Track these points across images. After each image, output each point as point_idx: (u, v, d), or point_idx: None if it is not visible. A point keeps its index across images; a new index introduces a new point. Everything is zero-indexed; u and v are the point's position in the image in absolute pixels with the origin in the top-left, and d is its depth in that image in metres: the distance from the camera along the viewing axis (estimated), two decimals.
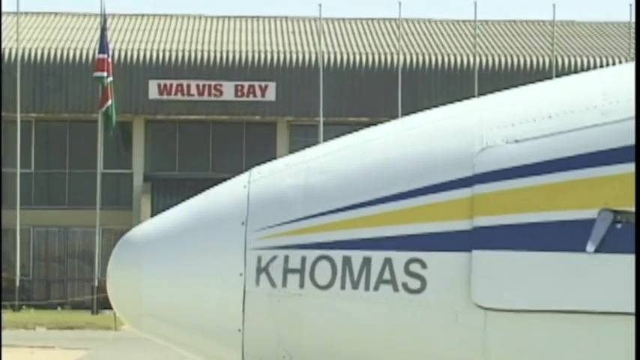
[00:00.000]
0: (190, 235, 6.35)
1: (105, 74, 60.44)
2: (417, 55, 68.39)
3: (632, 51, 61.40)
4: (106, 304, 8.63)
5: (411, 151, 6.31)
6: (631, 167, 5.97)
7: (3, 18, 68.02)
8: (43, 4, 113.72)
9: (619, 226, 6.01)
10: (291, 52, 68.81)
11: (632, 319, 5.99)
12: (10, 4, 68.15)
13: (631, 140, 6.04)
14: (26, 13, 68.86)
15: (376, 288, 6.15)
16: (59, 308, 60.97)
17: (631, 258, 5.92)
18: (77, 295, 62.77)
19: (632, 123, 6.06)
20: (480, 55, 67.40)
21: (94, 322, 49.88)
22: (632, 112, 6.09)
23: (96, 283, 57.63)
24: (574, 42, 69.29)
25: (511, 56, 68.64)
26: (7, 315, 55.87)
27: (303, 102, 66.15)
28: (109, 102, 60.61)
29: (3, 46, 66.29)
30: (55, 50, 68.11)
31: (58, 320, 53.08)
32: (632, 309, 5.97)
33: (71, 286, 65.28)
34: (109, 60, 61.01)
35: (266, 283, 6.19)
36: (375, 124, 6.83)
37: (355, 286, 6.15)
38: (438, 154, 6.24)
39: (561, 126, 6.19)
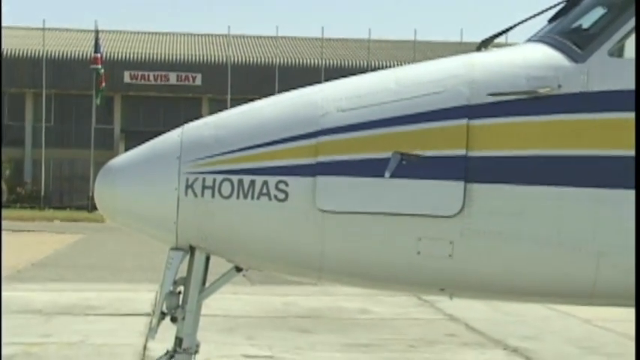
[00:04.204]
0: (146, 164, 6.25)
1: (98, 66, 60.42)
2: (288, 58, 68.79)
3: (415, 59, 62.00)
4: (96, 207, 8.61)
5: (280, 114, 6.24)
6: (411, 127, 6.00)
7: (35, 32, 67.46)
8: (61, 23, 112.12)
9: (404, 162, 6.00)
10: (211, 55, 68.93)
11: (420, 219, 6.00)
12: (39, 22, 67.53)
13: (411, 110, 6.06)
14: (49, 29, 67.98)
15: (258, 198, 6.08)
16: (68, 209, 60.63)
17: (409, 182, 5.95)
18: (79, 201, 62.51)
19: (414, 101, 6.06)
20: (325, 59, 67.99)
21: (89, 218, 49.50)
22: (414, 94, 6.10)
23: (90, 194, 57.13)
24: (382, 53, 69.80)
25: (344, 60, 69.21)
26: (36, 212, 55.54)
27: (218, 86, 66.44)
28: (103, 84, 60.80)
29: (33, 48, 66.02)
30: (67, 52, 67.61)
31: (67, 216, 52.78)
32: (420, 211, 5.98)
33: (75, 195, 64.90)
34: (101, 57, 60.97)
35: (191, 194, 6.09)
36: (259, 99, 6.76)
37: (245, 197, 6.07)
38: (297, 116, 6.18)
39: (369, 101, 6.15)
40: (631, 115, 5.92)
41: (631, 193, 5.90)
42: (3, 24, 60.98)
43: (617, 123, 5.94)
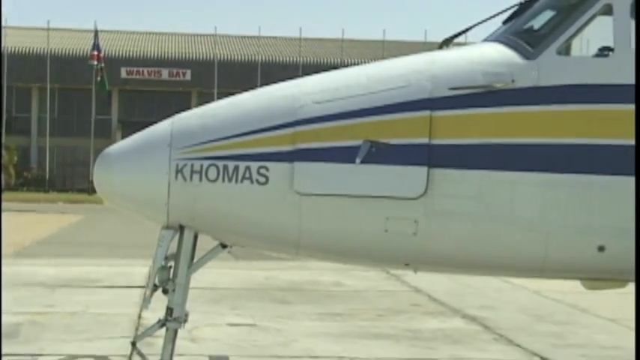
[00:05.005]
0: (140, 151, 6.20)
1: (95, 62, 60.32)
2: (269, 56, 68.68)
3: (383, 57, 61.85)
4: (95, 190, 8.54)
5: (262, 106, 6.21)
6: (379, 117, 5.97)
7: (39, 32, 67.06)
8: (64, 23, 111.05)
9: (374, 150, 6.00)
10: (199, 53, 68.77)
11: (387, 201, 5.96)
12: (43, 22, 67.04)
13: (379, 103, 6.05)
14: (54, 29, 67.58)
15: (242, 181, 6.06)
16: (70, 192, 60.48)
17: (378, 167, 5.93)
18: (80, 184, 62.29)
19: (383, 94, 6.06)
20: (302, 57, 67.91)
21: (89, 200, 49.26)
22: (382, 87, 6.08)
23: (90, 178, 56.86)
24: (354, 51, 69.71)
25: (320, 58, 69.13)
26: (41, 195, 55.34)
27: (205, 81, 66.26)
28: (99, 78, 60.63)
29: (38, 46, 65.78)
30: (69, 50, 67.36)
31: (70, 198, 52.63)
32: (387, 194, 5.95)
33: (77, 179, 64.68)
34: (98, 54, 60.78)
35: (180, 178, 6.06)
36: (243, 92, 6.72)
37: (230, 181, 6.05)
38: (276, 108, 6.16)
39: (342, 94, 6.12)
40: (577, 107, 5.98)
41: (576, 178, 5.94)
42: (11, 24, 61.06)
43: (564, 115, 5.98)
